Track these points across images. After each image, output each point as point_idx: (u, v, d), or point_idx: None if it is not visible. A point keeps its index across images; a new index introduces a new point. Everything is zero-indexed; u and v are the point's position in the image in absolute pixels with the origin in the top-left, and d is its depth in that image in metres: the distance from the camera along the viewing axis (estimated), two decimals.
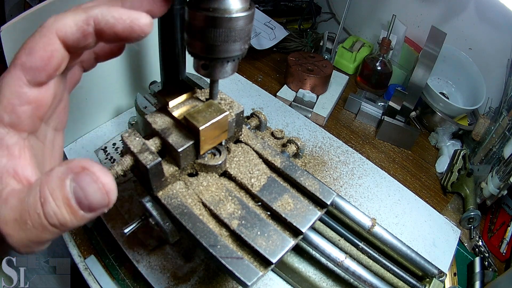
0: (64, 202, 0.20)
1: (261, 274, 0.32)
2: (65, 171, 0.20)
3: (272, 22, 1.06)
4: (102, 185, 0.21)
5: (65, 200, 0.20)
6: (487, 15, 0.85)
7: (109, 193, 0.21)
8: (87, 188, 0.20)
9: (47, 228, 0.20)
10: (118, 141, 0.68)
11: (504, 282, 0.60)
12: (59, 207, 0.20)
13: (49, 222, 0.20)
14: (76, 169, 0.20)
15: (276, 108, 0.81)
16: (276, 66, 1.05)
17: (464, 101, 0.94)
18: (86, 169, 0.21)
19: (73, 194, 0.20)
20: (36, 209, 0.20)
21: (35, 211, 0.20)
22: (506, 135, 0.74)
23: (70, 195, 0.20)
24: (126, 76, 0.67)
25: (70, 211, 0.20)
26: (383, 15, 1.04)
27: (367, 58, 0.99)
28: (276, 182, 0.39)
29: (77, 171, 0.20)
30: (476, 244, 0.70)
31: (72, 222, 0.21)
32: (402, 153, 0.85)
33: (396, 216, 0.64)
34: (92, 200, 0.21)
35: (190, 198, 0.36)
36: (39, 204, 0.20)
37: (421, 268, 0.50)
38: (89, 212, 0.21)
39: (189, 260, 0.53)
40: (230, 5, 0.28)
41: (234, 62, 0.33)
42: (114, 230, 0.55)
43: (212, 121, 0.34)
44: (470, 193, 0.74)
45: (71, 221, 0.21)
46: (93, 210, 0.21)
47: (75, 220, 0.21)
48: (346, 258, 0.45)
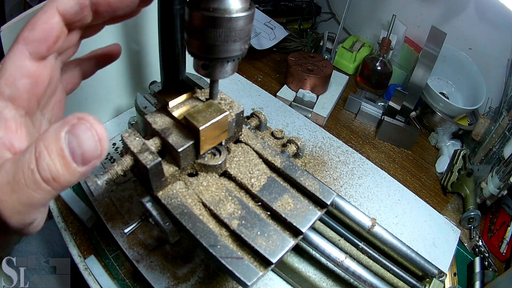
0: (58, 154, 0.20)
1: (261, 274, 0.32)
2: (61, 124, 0.21)
3: (272, 22, 1.06)
4: (95, 132, 0.21)
5: (59, 151, 0.20)
6: (487, 15, 0.85)
7: (101, 140, 0.21)
8: (81, 135, 0.21)
9: (40, 184, 0.20)
10: (118, 141, 0.68)
11: (504, 282, 0.60)
12: (52, 160, 0.20)
13: (42, 176, 0.20)
14: (72, 120, 0.21)
15: (276, 108, 0.81)
16: (276, 66, 1.05)
17: (464, 101, 0.94)
18: (82, 118, 0.21)
19: (67, 145, 0.20)
20: (30, 165, 0.20)
21: (29, 167, 0.20)
22: (506, 135, 0.74)
23: (64, 145, 0.20)
24: (126, 76, 0.67)
25: (63, 162, 0.20)
26: (383, 15, 1.04)
27: (367, 58, 0.99)
28: (276, 182, 0.39)
29: (73, 123, 0.21)
30: (476, 244, 0.70)
31: (64, 176, 0.21)
32: (402, 153, 0.85)
33: (396, 216, 0.64)
34: (85, 149, 0.21)
35: (190, 198, 0.36)
36: (34, 159, 0.20)
37: (421, 268, 0.50)
38: (81, 165, 0.21)
39: (189, 260, 0.53)
40: (230, 5, 0.28)
41: (234, 62, 0.33)
42: (114, 230, 0.55)
43: (212, 121, 0.34)
44: (470, 193, 0.74)
45: (63, 175, 0.21)
46: (85, 162, 0.21)
47: (67, 174, 0.21)
48: (346, 258, 0.45)
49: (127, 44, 0.61)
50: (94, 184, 0.33)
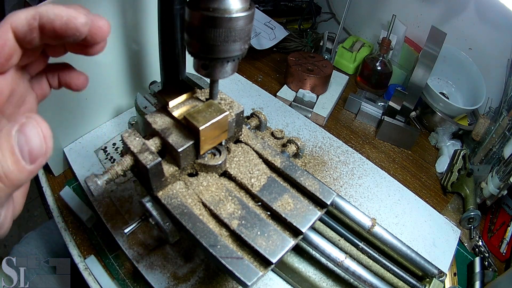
0: (9, 151, 0.22)
1: (261, 274, 0.32)
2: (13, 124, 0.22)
3: (272, 22, 1.06)
4: (40, 130, 0.23)
5: (10, 148, 0.22)
6: (487, 15, 0.85)
7: (46, 137, 0.23)
8: (28, 133, 0.22)
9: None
10: (118, 141, 0.68)
11: (504, 282, 0.60)
12: (4, 156, 0.21)
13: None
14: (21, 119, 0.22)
15: (276, 108, 0.81)
16: (276, 66, 1.05)
17: (464, 101, 0.94)
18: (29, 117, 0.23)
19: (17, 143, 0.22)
20: None
21: None
22: (506, 135, 0.74)
23: (15, 143, 0.22)
24: (126, 76, 0.67)
25: (13, 159, 0.22)
26: (383, 15, 1.04)
27: (367, 58, 0.99)
28: (276, 182, 0.39)
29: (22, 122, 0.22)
30: (476, 244, 0.70)
31: (14, 173, 0.22)
32: (402, 153, 0.85)
33: (396, 216, 0.64)
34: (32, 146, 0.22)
35: (190, 198, 0.36)
36: None
37: (421, 268, 0.50)
38: (30, 162, 0.22)
39: (189, 260, 0.53)
40: (230, 5, 0.28)
41: (234, 62, 0.33)
42: (114, 230, 0.55)
43: (212, 121, 0.34)
44: (470, 193, 0.74)
45: (13, 172, 0.22)
46: (33, 160, 0.22)
47: (17, 171, 0.22)
48: (346, 258, 0.45)
49: (127, 44, 0.61)
50: (94, 184, 0.33)
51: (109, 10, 0.55)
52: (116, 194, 0.59)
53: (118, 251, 0.56)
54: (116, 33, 0.58)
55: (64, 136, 0.65)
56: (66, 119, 0.63)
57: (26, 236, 0.73)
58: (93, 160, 0.65)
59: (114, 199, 0.58)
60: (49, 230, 0.73)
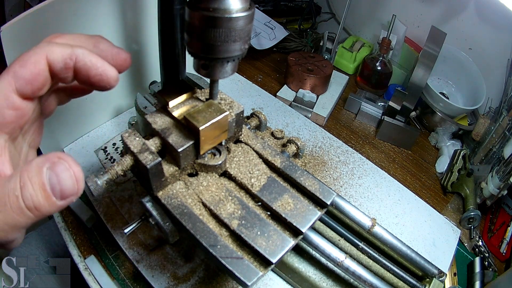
0: (40, 187, 0.23)
1: (261, 274, 0.32)
2: (43, 161, 0.23)
3: (272, 22, 1.06)
4: (73, 173, 0.24)
5: (41, 185, 0.23)
6: (487, 15, 0.85)
7: (78, 181, 0.24)
8: (61, 175, 0.23)
9: (23, 211, 0.23)
10: (118, 141, 0.68)
11: (504, 282, 0.60)
12: (35, 191, 0.23)
13: (25, 204, 0.23)
14: (53, 159, 0.23)
15: (276, 108, 0.81)
16: (276, 66, 1.05)
17: (464, 101, 0.94)
18: (62, 158, 0.24)
19: (49, 181, 0.23)
20: (15, 192, 0.22)
21: (14, 193, 0.22)
22: (506, 135, 0.74)
23: (46, 181, 0.23)
24: (126, 76, 0.67)
25: (45, 195, 0.23)
26: (383, 15, 1.04)
27: (367, 58, 0.99)
28: (276, 182, 0.39)
29: (54, 161, 0.23)
30: (476, 244, 0.70)
31: (45, 207, 0.23)
32: (402, 153, 0.85)
33: (396, 216, 0.64)
34: (64, 186, 0.23)
35: (190, 198, 0.36)
36: (19, 188, 0.22)
37: (421, 268, 0.50)
38: (60, 199, 0.24)
39: (189, 260, 0.53)
40: (230, 5, 0.28)
41: (234, 62, 0.33)
42: (114, 230, 0.55)
43: (212, 121, 0.34)
44: (470, 193, 0.74)
45: (44, 206, 0.23)
46: (64, 197, 0.24)
47: (47, 205, 0.23)
48: (346, 258, 0.45)
49: (127, 44, 0.61)
50: (94, 184, 0.33)
51: (109, 10, 0.55)
52: (116, 194, 0.59)
53: (118, 251, 0.56)
54: (116, 33, 0.58)
55: (64, 136, 0.65)
56: (66, 119, 0.63)
57: (26, 236, 0.73)
58: (93, 160, 0.65)
59: (114, 199, 0.58)
60: (49, 230, 0.73)
